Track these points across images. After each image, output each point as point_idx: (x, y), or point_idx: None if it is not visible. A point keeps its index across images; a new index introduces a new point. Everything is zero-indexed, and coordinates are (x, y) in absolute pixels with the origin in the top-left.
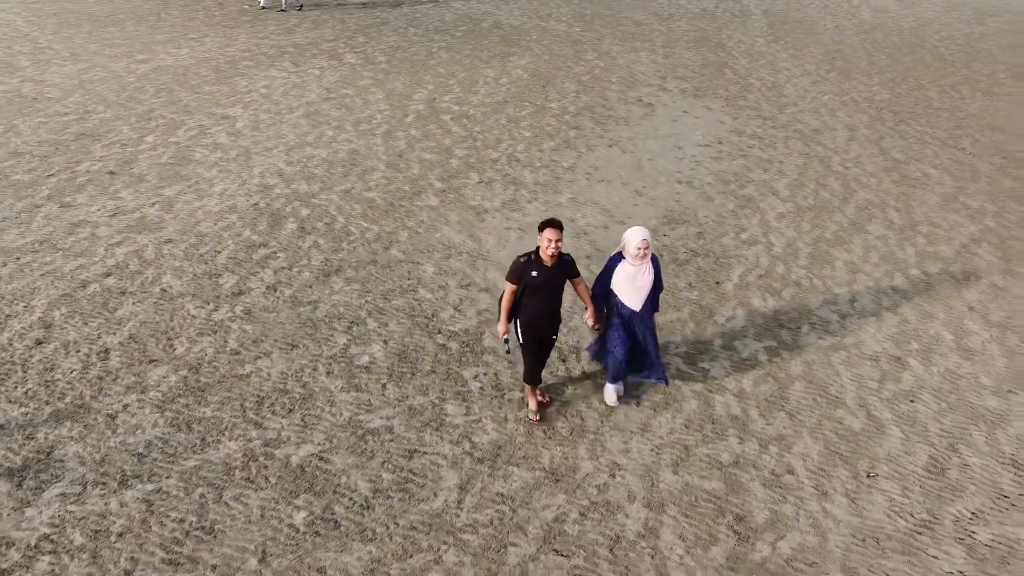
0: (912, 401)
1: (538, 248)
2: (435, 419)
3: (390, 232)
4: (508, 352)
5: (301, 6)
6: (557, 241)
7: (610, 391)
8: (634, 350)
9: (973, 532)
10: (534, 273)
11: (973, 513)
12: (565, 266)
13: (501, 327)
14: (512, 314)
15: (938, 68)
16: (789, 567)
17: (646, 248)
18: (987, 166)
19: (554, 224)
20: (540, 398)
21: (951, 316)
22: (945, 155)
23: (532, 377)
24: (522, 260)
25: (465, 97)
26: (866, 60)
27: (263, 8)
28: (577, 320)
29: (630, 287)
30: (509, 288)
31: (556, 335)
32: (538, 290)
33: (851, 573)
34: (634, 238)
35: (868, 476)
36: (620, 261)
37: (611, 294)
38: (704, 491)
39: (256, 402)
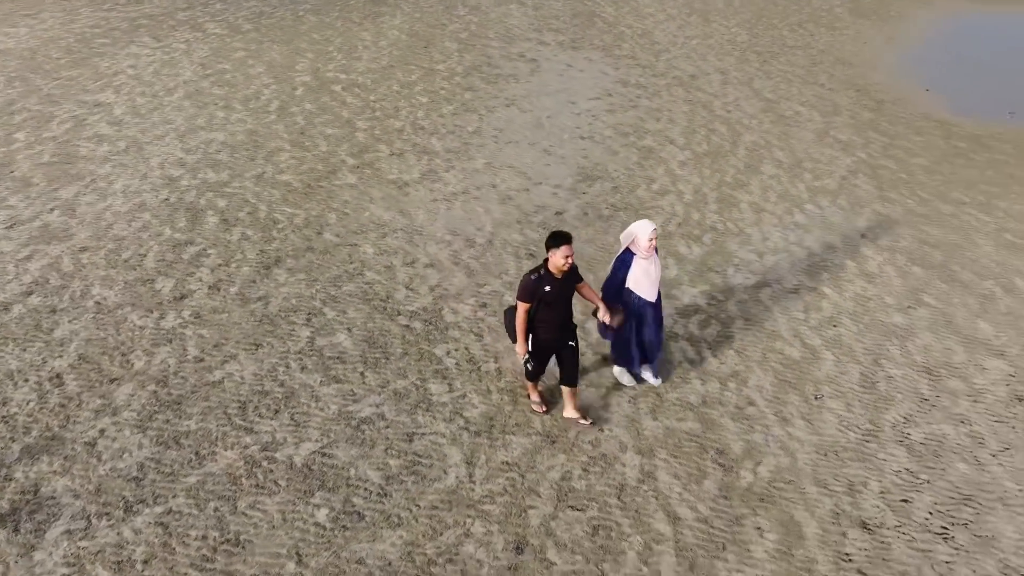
0: (835, 326)
1: (545, 262)
2: (422, 400)
3: (317, 216)
4: (530, 369)
5: None
6: (572, 256)
7: (622, 373)
8: (641, 334)
9: (908, 434)
10: (547, 288)
11: (904, 418)
12: (573, 274)
13: (520, 348)
14: (527, 331)
15: (784, 6)
16: (772, 488)
17: (656, 238)
18: (845, 100)
19: (567, 240)
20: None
21: (848, 244)
22: (808, 92)
23: (535, 376)
24: (533, 277)
25: (349, 64)
26: (721, 1)
27: None
28: None
29: (647, 280)
30: (523, 307)
31: (575, 342)
32: (552, 304)
33: (821, 484)
34: (644, 232)
35: (816, 398)
36: (631, 258)
37: (626, 292)
38: (684, 432)
39: (239, 407)
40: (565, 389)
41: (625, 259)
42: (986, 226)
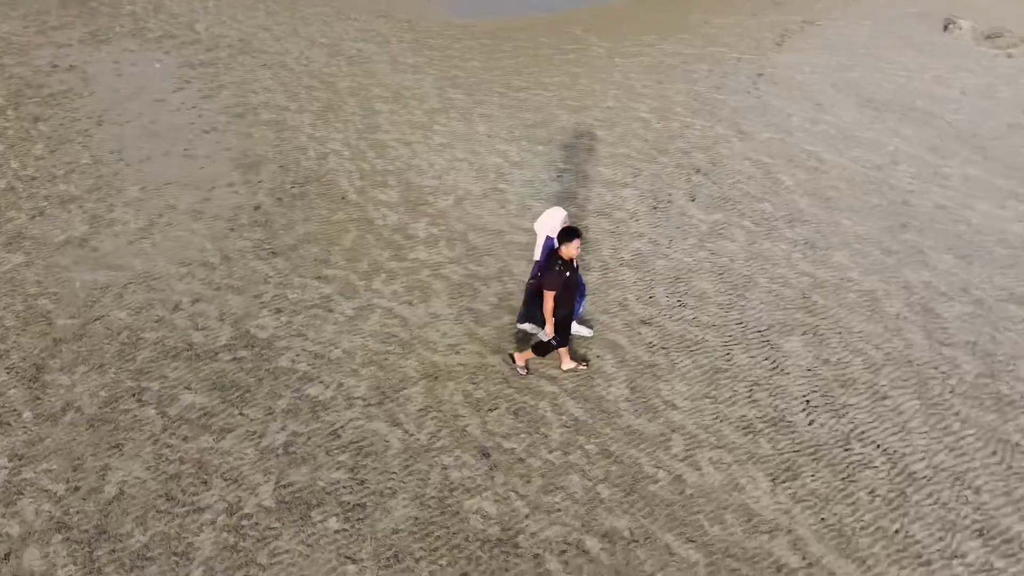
0: (528, 208)
1: (558, 251)
2: (314, 404)
3: (26, 309)
4: (554, 345)
5: None
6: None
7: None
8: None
9: (622, 257)
10: (567, 274)
11: (613, 249)
12: (574, 260)
13: (550, 329)
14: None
15: None
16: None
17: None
18: (383, 27)
19: (579, 233)
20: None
21: (485, 146)
22: (351, 28)
23: (566, 343)
24: (557, 269)
25: None
26: None
27: None
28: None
29: None
30: (551, 295)
31: None
32: (570, 287)
33: (606, 312)
34: (559, 218)
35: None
36: (552, 241)
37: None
38: (506, 324)
39: (166, 500)
40: (562, 349)
41: (552, 243)
42: (551, 99)
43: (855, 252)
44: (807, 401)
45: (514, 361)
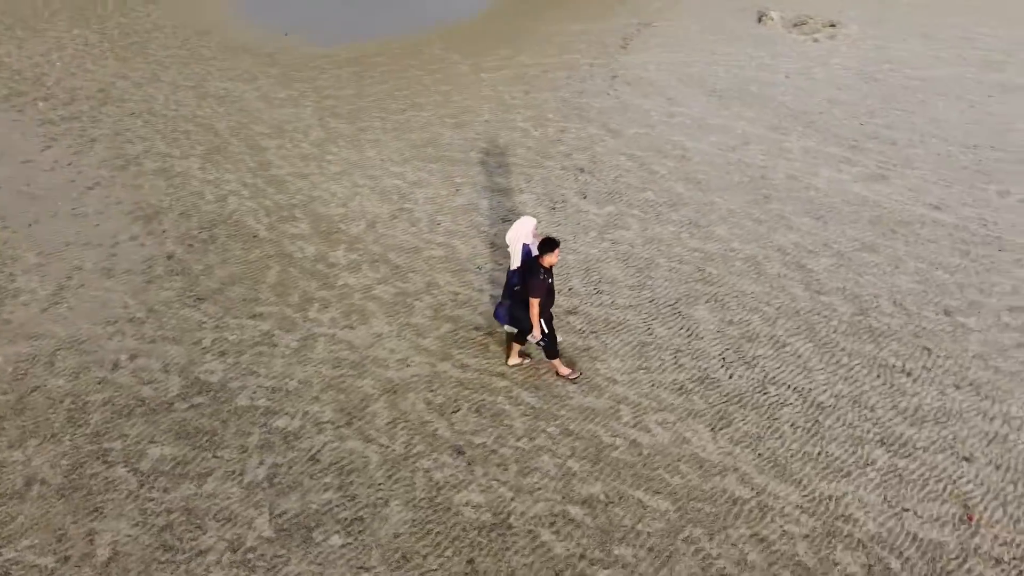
0: (438, 224)
1: (537, 263)
2: (286, 435)
3: None
4: (543, 345)
5: None
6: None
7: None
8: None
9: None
10: (550, 280)
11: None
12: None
13: (537, 331)
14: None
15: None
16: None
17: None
18: (248, 64)
19: (558, 243)
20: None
21: (380, 169)
22: (212, 68)
23: (556, 348)
24: (542, 278)
25: None
26: (28, 9)
27: None
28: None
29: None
30: (537, 301)
31: None
32: (551, 291)
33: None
34: (531, 226)
35: (478, 268)
36: (529, 247)
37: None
38: (445, 331)
39: (164, 550)
40: (517, 345)
41: (528, 250)
42: (431, 119)
43: (732, 225)
44: (723, 359)
45: (560, 372)
